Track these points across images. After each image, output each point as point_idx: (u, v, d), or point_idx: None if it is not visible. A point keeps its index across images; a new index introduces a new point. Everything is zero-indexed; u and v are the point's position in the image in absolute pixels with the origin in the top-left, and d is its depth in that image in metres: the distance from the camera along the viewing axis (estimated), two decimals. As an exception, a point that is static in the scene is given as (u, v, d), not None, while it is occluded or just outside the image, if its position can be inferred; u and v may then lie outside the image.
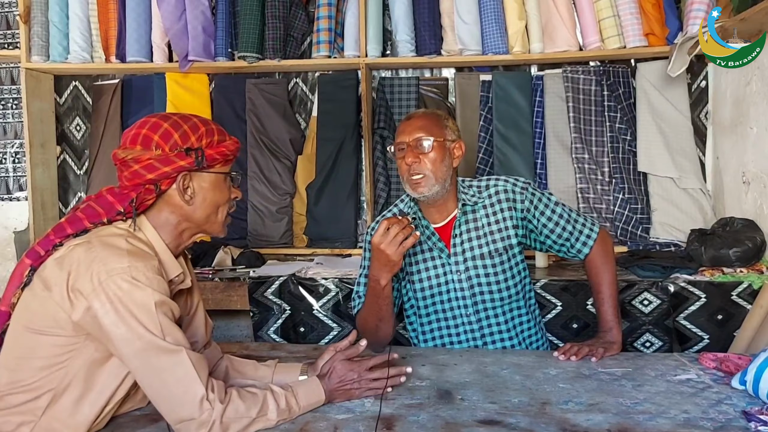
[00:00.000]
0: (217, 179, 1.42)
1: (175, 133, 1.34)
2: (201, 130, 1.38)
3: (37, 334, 1.26)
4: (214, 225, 1.45)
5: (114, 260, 1.23)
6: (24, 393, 1.26)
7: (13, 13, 3.52)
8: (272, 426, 1.33)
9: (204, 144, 1.37)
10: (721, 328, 2.53)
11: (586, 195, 3.14)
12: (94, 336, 1.25)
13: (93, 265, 1.23)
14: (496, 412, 1.38)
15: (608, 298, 1.88)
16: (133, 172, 1.33)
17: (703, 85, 3.18)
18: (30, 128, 3.29)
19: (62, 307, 1.24)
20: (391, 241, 1.63)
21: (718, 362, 1.64)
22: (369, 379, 1.47)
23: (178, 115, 1.40)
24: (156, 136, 1.34)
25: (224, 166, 1.43)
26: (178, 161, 1.34)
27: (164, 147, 1.33)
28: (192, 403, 1.24)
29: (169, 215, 1.39)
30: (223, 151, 1.40)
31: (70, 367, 1.27)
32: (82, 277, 1.22)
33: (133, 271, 1.23)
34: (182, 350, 1.25)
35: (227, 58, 3.28)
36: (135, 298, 1.22)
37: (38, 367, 1.26)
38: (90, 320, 1.23)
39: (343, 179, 3.30)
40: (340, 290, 2.71)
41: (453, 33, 3.14)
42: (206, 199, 1.40)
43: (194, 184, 1.39)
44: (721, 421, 1.31)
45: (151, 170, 1.33)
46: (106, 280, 1.21)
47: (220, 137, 1.41)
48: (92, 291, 1.21)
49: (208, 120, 1.43)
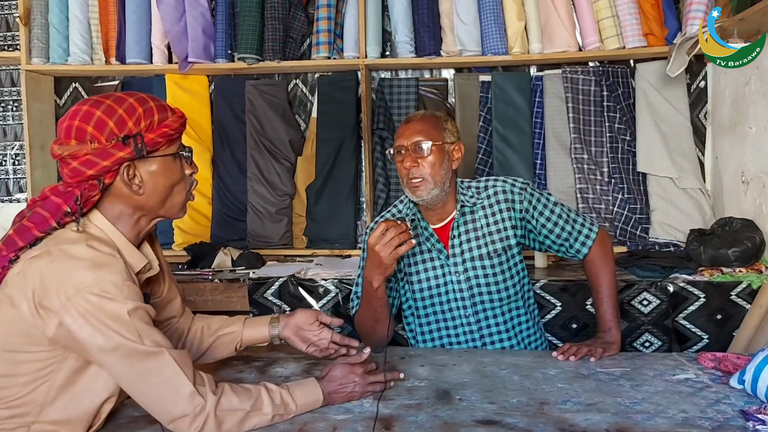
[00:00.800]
0: (165, 162, 1.32)
1: (109, 120, 1.24)
2: (138, 111, 1.26)
3: (14, 353, 1.22)
4: (172, 208, 1.38)
5: (79, 274, 1.18)
6: (12, 408, 1.24)
7: (13, 15, 3.52)
8: (268, 422, 1.32)
9: (144, 127, 1.27)
10: (721, 327, 2.53)
11: (586, 195, 3.14)
12: (71, 349, 1.22)
13: (58, 281, 1.17)
14: (495, 412, 1.38)
15: (607, 298, 1.88)
16: (72, 169, 1.24)
17: (702, 85, 3.18)
18: (30, 130, 3.29)
19: (33, 325, 1.19)
20: (386, 244, 1.63)
21: (717, 362, 1.64)
22: (367, 382, 1.47)
23: (112, 98, 1.27)
24: (90, 127, 1.23)
25: (170, 147, 1.33)
26: (117, 152, 1.24)
27: (100, 138, 1.23)
28: (182, 400, 1.22)
29: (122, 207, 1.32)
30: (165, 132, 1.30)
31: (54, 380, 1.24)
32: (48, 294, 1.17)
33: (101, 282, 1.18)
34: (164, 351, 1.23)
35: (227, 59, 3.28)
36: (107, 310, 1.18)
37: (22, 383, 1.23)
38: (65, 334, 1.19)
39: (342, 180, 3.30)
40: (340, 291, 2.71)
41: (452, 34, 3.14)
42: (158, 185, 1.32)
43: (140, 172, 1.30)
44: (719, 420, 1.31)
45: (89, 166, 1.23)
46: (74, 296, 1.16)
47: (161, 115, 1.30)
48: (61, 307, 1.16)
49: (146, 97, 1.31)
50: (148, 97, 1.32)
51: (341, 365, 1.48)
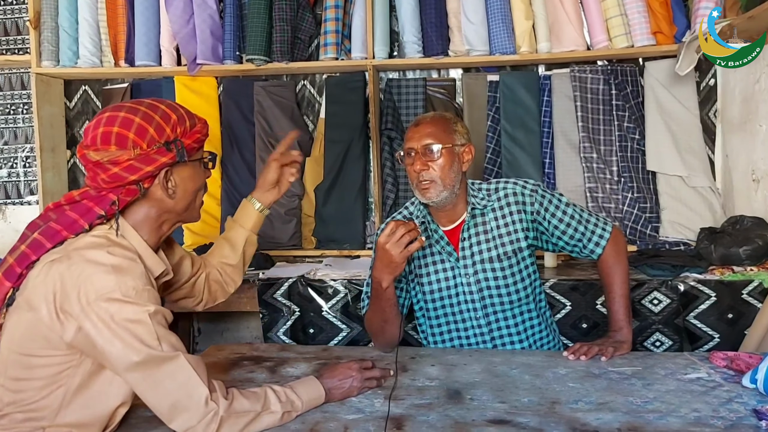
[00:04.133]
0: (195, 167, 1.39)
1: (149, 127, 1.27)
2: (172, 118, 1.31)
3: (30, 357, 1.23)
4: (193, 212, 1.43)
5: (100, 279, 1.19)
6: (27, 412, 1.25)
7: (23, 19, 3.56)
8: (278, 420, 1.34)
9: (180, 133, 1.32)
10: (732, 326, 2.52)
11: (595, 194, 3.13)
12: (88, 354, 1.23)
13: (79, 285, 1.18)
14: (506, 411, 1.39)
15: (619, 297, 1.88)
16: (112, 175, 1.26)
17: (712, 83, 3.16)
18: (41, 133, 3.31)
19: (52, 329, 1.20)
20: (397, 242, 1.64)
21: (729, 361, 1.63)
22: (364, 378, 1.51)
23: (144, 105, 1.31)
24: (131, 133, 1.26)
25: (199, 152, 1.40)
26: (160, 158, 1.28)
27: (142, 144, 1.26)
28: (197, 405, 1.23)
29: (149, 210, 1.35)
30: (198, 137, 1.36)
31: (69, 384, 1.25)
32: (69, 298, 1.18)
33: (122, 288, 1.19)
34: (180, 355, 1.24)
35: (235, 61, 3.29)
36: (127, 315, 1.19)
37: (38, 387, 1.24)
38: (82, 339, 1.20)
39: (351, 181, 3.31)
40: (349, 291, 2.71)
41: (460, 34, 3.14)
42: (187, 190, 1.37)
43: (175, 177, 1.34)
44: (731, 419, 1.30)
45: (132, 171, 1.26)
46: (95, 300, 1.18)
47: (191, 122, 1.35)
48: (81, 311, 1.18)
49: (174, 104, 1.36)
50: (175, 104, 1.37)
51: (338, 364, 1.53)
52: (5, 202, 3.64)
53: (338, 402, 1.46)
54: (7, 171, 3.64)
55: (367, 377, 1.52)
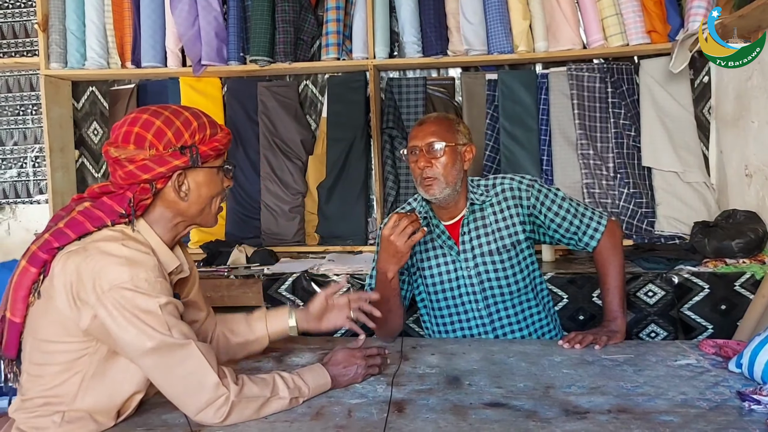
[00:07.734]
0: (211, 173, 1.42)
1: (168, 130, 1.33)
2: (194, 125, 1.37)
3: (48, 342, 1.30)
4: (208, 217, 1.47)
5: (114, 270, 1.25)
6: (46, 397, 1.32)
7: (31, 22, 3.62)
8: (286, 405, 1.40)
9: (197, 140, 1.37)
10: (725, 317, 2.58)
11: (592, 190, 3.19)
12: (103, 341, 1.30)
13: (94, 275, 1.24)
14: (502, 395, 1.45)
15: (614, 288, 1.93)
16: (128, 172, 1.32)
17: (706, 80, 3.22)
18: (50, 133, 3.39)
19: (69, 316, 1.27)
20: (401, 233, 1.72)
21: (718, 348, 1.69)
22: (368, 365, 1.57)
23: (170, 110, 1.37)
24: (149, 134, 1.32)
25: (216, 160, 1.43)
26: (173, 161, 1.33)
27: (158, 146, 1.32)
28: (208, 390, 1.30)
29: (163, 211, 1.40)
30: (216, 146, 1.40)
31: (86, 371, 1.31)
32: (85, 287, 1.25)
33: (135, 279, 1.25)
34: (191, 342, 1.30)
35: (239, 62, 3.35)
36: (140, 304, 1.25)
37: (55, 372, 1.31)
38: (97, 327, 1.26)
39: (353, 178, 3.37)
40: (352, 286, 2.77)
41: (459, 33, 3.20)
42: (201, 195, 1.41)
43: (188, 180, 1.39)
44: (716, 401, 1.36)
45: (146, 171, 1.32)
46: (109, 290, 1.24)
47: (212, 131, 1.40)
48: (96, 300, 1.24)
49: (199, 112, 1.42)
50: (200, 112, 1.42)
51: (342, 351, 1.58)
52: (15, 202, 3.70)
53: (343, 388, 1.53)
54: (17, 171, 3.72)
55: (371, 364, 1.59)
